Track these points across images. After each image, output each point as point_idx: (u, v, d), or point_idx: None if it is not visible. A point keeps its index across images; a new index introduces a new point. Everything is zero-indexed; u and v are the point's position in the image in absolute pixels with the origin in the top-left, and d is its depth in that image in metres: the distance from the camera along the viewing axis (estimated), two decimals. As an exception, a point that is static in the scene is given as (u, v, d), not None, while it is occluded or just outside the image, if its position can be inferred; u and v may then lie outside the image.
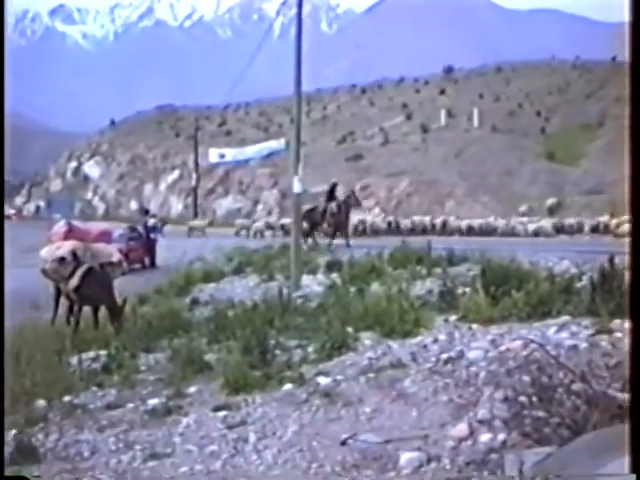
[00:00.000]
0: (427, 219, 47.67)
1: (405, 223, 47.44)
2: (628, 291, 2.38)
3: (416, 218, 48.27)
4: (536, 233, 39.94)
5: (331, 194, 32.59)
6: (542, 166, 66.03)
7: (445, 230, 44.40)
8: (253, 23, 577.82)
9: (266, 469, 5.82)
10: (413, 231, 44.11)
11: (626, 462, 2.55)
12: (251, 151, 78.85)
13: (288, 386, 7.70)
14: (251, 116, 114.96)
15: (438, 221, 46.91)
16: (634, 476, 1.92)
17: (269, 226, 50.95)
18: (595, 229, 39.65)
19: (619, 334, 7.89)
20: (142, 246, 31.81)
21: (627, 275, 9.87)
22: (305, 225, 33.07)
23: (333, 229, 31.68)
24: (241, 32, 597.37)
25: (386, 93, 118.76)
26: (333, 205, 31.73)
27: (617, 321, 8.51)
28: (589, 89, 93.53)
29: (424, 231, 43.92)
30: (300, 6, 18.24)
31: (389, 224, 48.13)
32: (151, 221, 34.56)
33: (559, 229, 41.00)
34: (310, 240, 30.60)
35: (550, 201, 55.52)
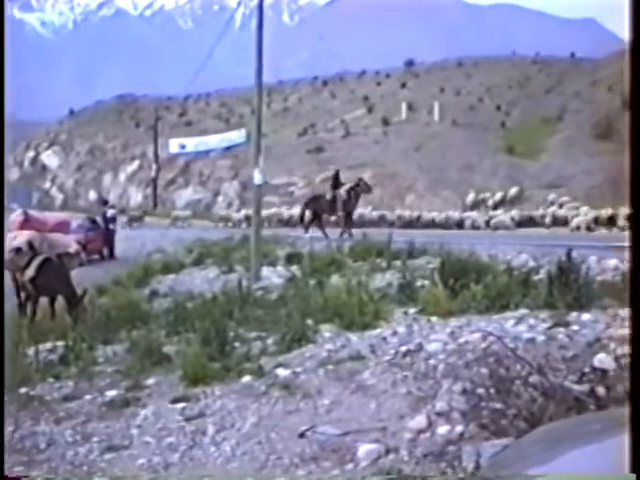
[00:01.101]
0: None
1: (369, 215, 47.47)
2: (629, 292, 2.38)
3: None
4: (496, 226, 40.19)
5: (336, 181, 32.28)
6: (502, 160, 66.48)
7: (405, 223, 44.50)
8: (214, 13, 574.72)
9: (224, 461, 5.81)
10: (374, 224, 44.18)
11: (582, 453, 2.57)
12: (212, 142, 78.58)
13: (247, 378, 7.68)
14: (212, 107, 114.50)
15: (398, 214, 47.04)
16: (634, 476, 1.93)
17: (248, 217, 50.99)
18: (554, 222, 39.95)
19: (576, 327, 7.97)
20: (101, 237, 31.58)
21: (585, 268, 9.99)
22: (308, 214, 32.93)
23: (344, 217, 31.40)
24: (202, 22, 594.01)
25: (347, 85, 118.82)
26: (342, 192, 31.46)
27: (574, 314, 8.60)
28: (549, 84, 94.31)
29: (388, 224, 43.99)
30: (261, -3, 18.19)
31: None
32: (110, 212, 34.29)
33: (519, 222, 41.27)
34: (311, 231, 30.35)
35: (510, 194, 55.91)
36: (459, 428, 5.83)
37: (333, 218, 32.72)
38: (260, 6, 18.21)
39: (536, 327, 8.17)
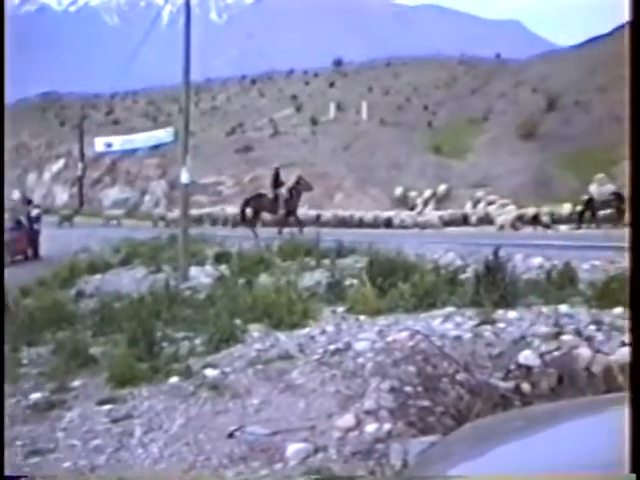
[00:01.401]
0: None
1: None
2: (629, 292, 2.38)
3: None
4: (424, 225, 40.50)
5: (276, 180, 32.12)
6: (429, 159, 67.06)
7: (333, 222, 44.58)
8: (140, 10, 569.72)
9: (152, 463, 5.76)
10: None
11: (506, 450, 2.61)
12: (139, 140, 77.71)
13: (175, 379, 7.63)
14: (139, 105, 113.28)
15: (327, 213, 47.14)
16: (634, 476, 1.95)
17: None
18: (481, 221, 40.43)
19: (502, 324, 8.09)
20: (25, 237, 30.98)
21: (510, 267, 10.14)
22: (249, 213, 32.77)
23: (285, 216, 31.30)
24: (128, 19, 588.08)
25: (276, 84, 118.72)
26: (284, 191, 31.34)
27: (500, 311, 8.72)
28: (474, 84, 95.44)
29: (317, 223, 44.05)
30: (189, -6, 18.05)
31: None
32: (34, 211, 33.69)
33: (446, 221, 41.65)
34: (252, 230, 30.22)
35: (437, 193, 56.45)
36: (387, 426, 5.87)
37: (271, 217, 32.68)
38: (187, 3, 18.08)
39: (463, 325, 8.27)
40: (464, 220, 41.73)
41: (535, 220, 35.95)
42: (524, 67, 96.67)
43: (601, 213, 34.06)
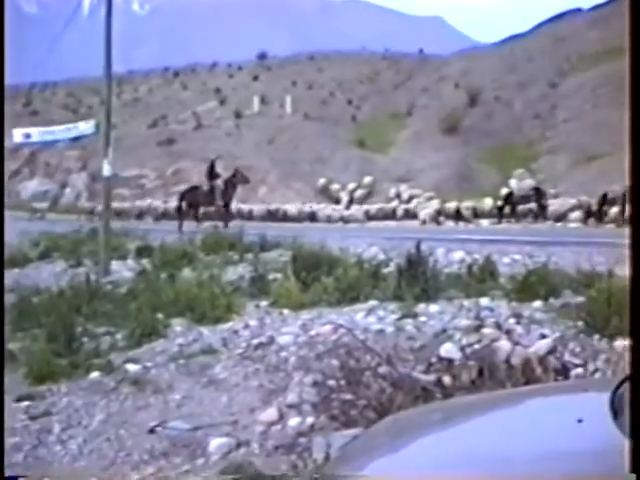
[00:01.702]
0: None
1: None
2: (629, 295, 2.40)
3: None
4: (347, 219, 40.67)
5: (212, 172, 31.74)
6: (353, 153, 67.42)
7: (257, 216, 44.48)
8: (62, 0, 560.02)
9: (71, 460, 5.67)
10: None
11: (425, 443, 2.62)
12: (59, 132, 76.23)
13: (95, 374, 7.51)
14: (59, 97, 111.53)
15: (251, 206, 47.02)
16: (634, 476, 1.96)
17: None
18: (404, 215, 40.78)
19: (424, 318, 8.17)
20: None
21: (432, 261, 10.24)
22: (184, 206, 32.37)
23: (222, 208, 31.03)
24: (47, 7, 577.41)
25: (199, 77, 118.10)
26: (220, 183, 31.03)
27: (422, 305, 8.81)
28: (397, 79, 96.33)
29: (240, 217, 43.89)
30: (110, -15, 17.78)
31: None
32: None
33: (370, 215, 41.88)
34: (194, 223, 29.87)
35: (361, 187, 56.77)
36: (310, 420, 5.88)
37: (211, 208, 32.42)
38: (109, -6, 17.82)
39: (385, 319, 8.33)
40: (387, 214, 42.01)
41: (457, 214, 36.41)
42: (446, 63, 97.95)
43: (521, 207, 34.69)
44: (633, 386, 2.12)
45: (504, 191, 35.86)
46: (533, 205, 34.57)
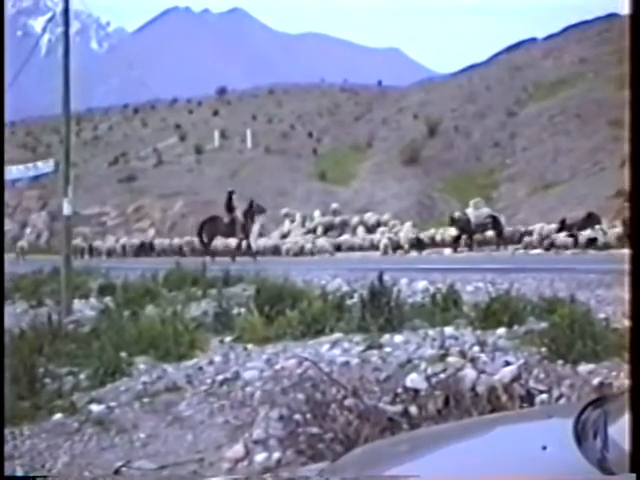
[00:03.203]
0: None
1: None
2: (629, 302, 2.40)
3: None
4: (311, 252, 40.60)
5: (230, 204, 31.66)
6: (314, 186, 67.62)
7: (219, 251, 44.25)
8: (17, 39, 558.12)
9: (34, 504, 5.58)
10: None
11: (396, 472, 2.61)
12: (17, 172, 75.72)
13: (58, 415, 7.40)
14: (17, 136, 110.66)
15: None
16: (634, 476, 1.95)
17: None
18: (371, 246, 40.78)
19: (389, 349, 8.17)
20: None
21: (395, 291, 10.25)
22: (205, 239, 32.20)
23: (240, 240, 30.99)
24: (5, 48, 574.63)
25: (159, 114, 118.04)
26: (239, 214, 30.94)
27: (387, 336, 8.82)
28: (357, 111, 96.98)
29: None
30: (67, 24, 17.75)
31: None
32: None
33: (337, 247, 41.84)
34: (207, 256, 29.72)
35: (323, 221, 56.71)
36: (276, 455, 5.84)
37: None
38: (66, 33, 17.78)
39: (350, 350, 8.33)
40: (351, 246, 42.01)
41: (420, 244, 36.53)
42: (405, 94, 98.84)
43: (478, 236, 34.98)
44: (633, 388, 2.12)
45: (458, 218, 36.19)
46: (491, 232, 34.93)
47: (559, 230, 34.49)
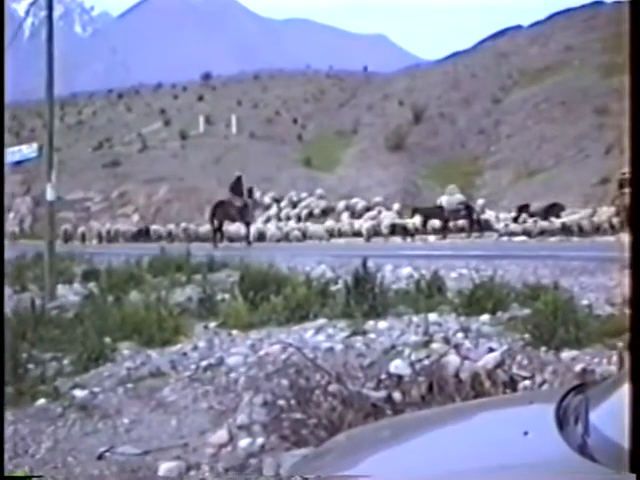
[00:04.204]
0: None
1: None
2: (629, 297, 2.40)
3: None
4: (297, 238, 40.66)
5: (238, 187, 31.67)
6: (299, 172, 67.52)
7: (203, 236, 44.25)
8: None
9: (18, 489, 5.57)
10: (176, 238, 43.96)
11: (375, 460, 2.62)
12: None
13: (42, 401, 7.38)
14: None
15: (202, 228, 46.81)
16: (634, 476, 1.96)
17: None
18: (356, 234, 40.81)
19: (373, 335, 8.20)
20: None
21: (380, 277, 10.25)
22: (215, 223, 32.17)
23: (247, 224, 31.64)
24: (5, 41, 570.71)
25: (143, 99, 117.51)
26: (248, 199, 31.08)
27: (371, 322, 8.84)
28: (342, 98, 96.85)
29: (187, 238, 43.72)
30: (51, 7, 17.61)
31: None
32: None
33: (316, 234, 41.85)
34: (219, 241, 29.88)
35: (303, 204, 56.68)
36: (260, 440, 5.85)
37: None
38: (50, 16, 17.65)
39: (334, 336, 8.35)
40: (336, 231, 42.07)
41: (404, 230, 36.63)
42: (390, 80, 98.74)
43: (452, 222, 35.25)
44: (633, 387, 2.14)
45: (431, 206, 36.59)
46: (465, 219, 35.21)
47: (516, 218, 34.95)
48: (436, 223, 36.51)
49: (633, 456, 2.00)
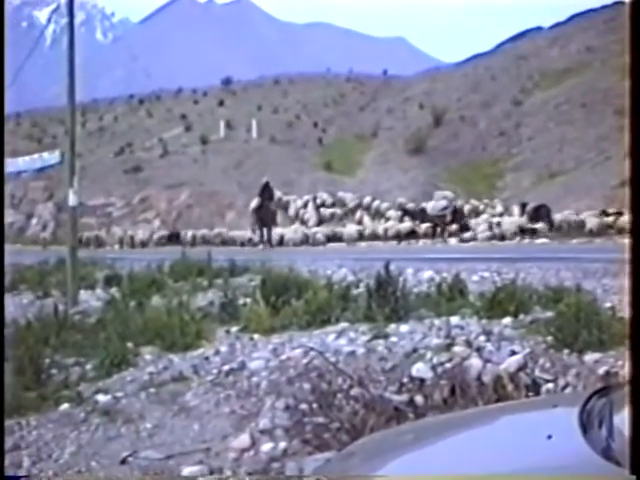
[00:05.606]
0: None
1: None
2: (629, 300, 2.39)
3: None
4: (316, 242, 40.53)
5: (271, 192, 31.95)
6: (320, 176, 67.49)
7: (224, 241, 44.28)
8: (23, 30, 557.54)
9: (42, 494, 5.59)
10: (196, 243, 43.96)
11: (398, 464, 2.61)
12: (23, 163, 75.62)
13: (65, 406, 7.41)
14: (23, 127, 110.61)
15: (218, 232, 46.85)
16: (634, 477, 1.95)
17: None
18: (376, 237, 40.62)
19: (394, 338, 8.17)
20: None
21: (401, 281, 10.22)
22: (257, 228, 32.53)
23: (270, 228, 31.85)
24: (10, 40, 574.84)
25: (164, 104, 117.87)
26: (272, 204, 31.73)
27: (392, 325, 8.82)
28: (363, 101, 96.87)
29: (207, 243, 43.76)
30: (72, 14, 17.70)
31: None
32: None
33: (338, 237, 41.72)
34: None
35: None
36: (282, 444, 5.85)
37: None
38: (71, 23, 17.74)
39: (356, 340, 8.33)
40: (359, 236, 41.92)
41: (426, 234, 36.53)
42: (410, 83, 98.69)
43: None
44: (633, 388, 2.12)
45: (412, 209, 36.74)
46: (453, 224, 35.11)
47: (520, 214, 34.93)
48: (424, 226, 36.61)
49: (633, 457, 1.99)
